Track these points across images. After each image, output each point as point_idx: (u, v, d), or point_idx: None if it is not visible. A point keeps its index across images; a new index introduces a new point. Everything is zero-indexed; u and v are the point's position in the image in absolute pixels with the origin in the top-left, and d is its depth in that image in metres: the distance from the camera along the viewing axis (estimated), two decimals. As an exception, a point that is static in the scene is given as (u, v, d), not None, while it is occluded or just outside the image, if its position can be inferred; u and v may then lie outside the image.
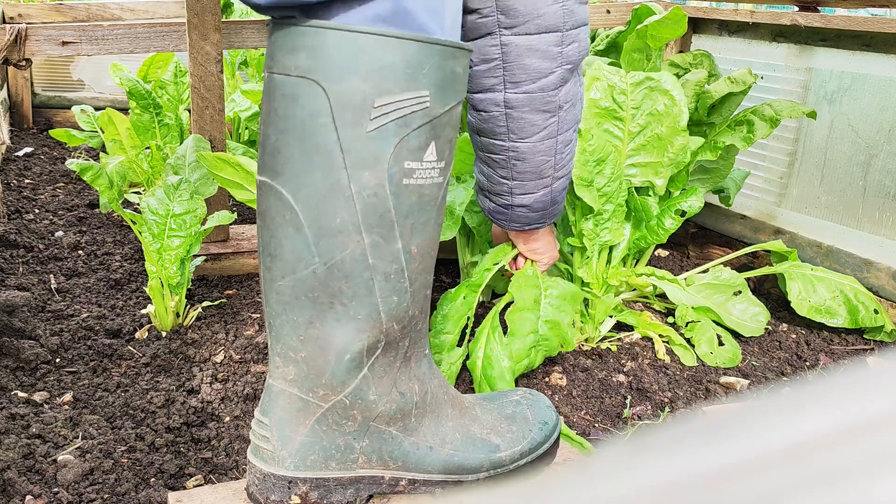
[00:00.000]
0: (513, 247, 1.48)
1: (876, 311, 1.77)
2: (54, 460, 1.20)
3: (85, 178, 1.69)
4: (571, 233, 1.69)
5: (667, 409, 1.48)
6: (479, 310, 1.79)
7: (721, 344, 1.71)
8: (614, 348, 1.68)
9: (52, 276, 1.91)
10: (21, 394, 1.38)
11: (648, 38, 1.73)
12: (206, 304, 1.77)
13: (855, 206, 1.95)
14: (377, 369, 0.98)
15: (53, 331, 1.60)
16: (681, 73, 2.04)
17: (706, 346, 1.69)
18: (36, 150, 3.11)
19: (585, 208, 1.61)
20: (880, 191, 1.89)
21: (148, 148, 2.53)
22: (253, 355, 1.56)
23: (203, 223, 1.68)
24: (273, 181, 0.90)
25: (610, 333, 1.75)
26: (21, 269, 1.93)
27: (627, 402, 1.49)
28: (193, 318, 1.70)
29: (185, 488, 1.17)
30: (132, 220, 1.68)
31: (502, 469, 1.08)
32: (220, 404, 1.39)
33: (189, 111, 2.30)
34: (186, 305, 1.72)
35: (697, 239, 2.32)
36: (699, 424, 0.23)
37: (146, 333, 1.64)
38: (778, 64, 2.12)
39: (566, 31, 1.10)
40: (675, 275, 1.86)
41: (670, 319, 1.84)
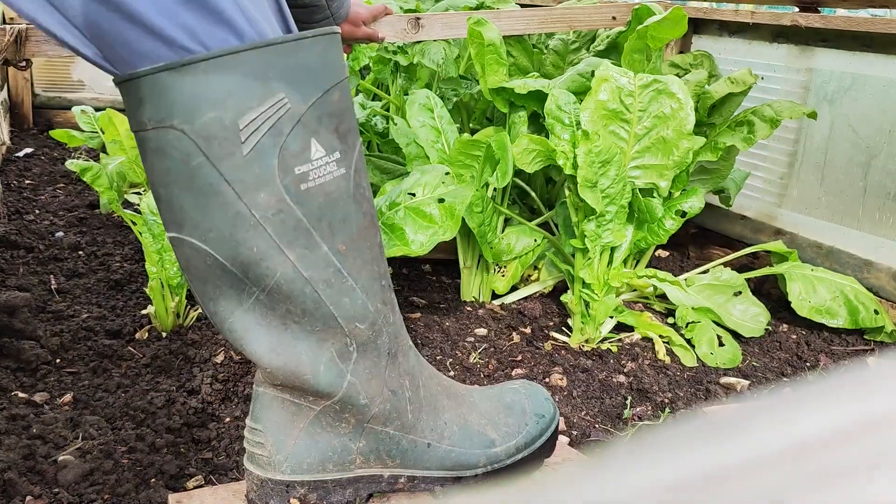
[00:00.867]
0: None
1: (876, 312, 1.77)
2: (55, 461, 1.20)
3: (85, 179, 1.69)
4: (574, 234, 1.69)
5: (667, 410, 1.48)
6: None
7: (721, 344, 1.71)
8: (615, 349, 1.68)
9: (52, 276, 1.91)
10: (21, 394, 1.38)
11: (649, 39, 1.73)
12: (206, 304, 1.77)
13: (855, 206, 1.95)
14: (362, 373, 0.97)
15: (54, 331, 1.60)
16: (681, 73, 2.05)
17: (706, 346, 1.69)
18: (36, 151, 3.11)
19: (588, 210, 1.61)
20: (880, 191, 1.89)
21: (148, 148, 2.53)
22: (253, 356, 1.57)
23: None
24: (180, 234, 0.88)
25: (610, 334, 1.75)
26: (21, 270, 1.93)
27: (628, 402, 1.49)
28: (194, 319, 1.70)
29: (185, 489, 1.17)
30: (132, 221, 1.68)
31: (499, 464, 1.08)
32: (220, 405, 1.39)
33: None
34: (187, 306, 1.72)
35: (698, 239, 2.32)
36: (700, 425, 0.23)
37: (146, 334, 1.64)
38: (778, 64, 2.12)
39: None
40: (676, 275, 1.86)
41: (670, 320, 1.84)
